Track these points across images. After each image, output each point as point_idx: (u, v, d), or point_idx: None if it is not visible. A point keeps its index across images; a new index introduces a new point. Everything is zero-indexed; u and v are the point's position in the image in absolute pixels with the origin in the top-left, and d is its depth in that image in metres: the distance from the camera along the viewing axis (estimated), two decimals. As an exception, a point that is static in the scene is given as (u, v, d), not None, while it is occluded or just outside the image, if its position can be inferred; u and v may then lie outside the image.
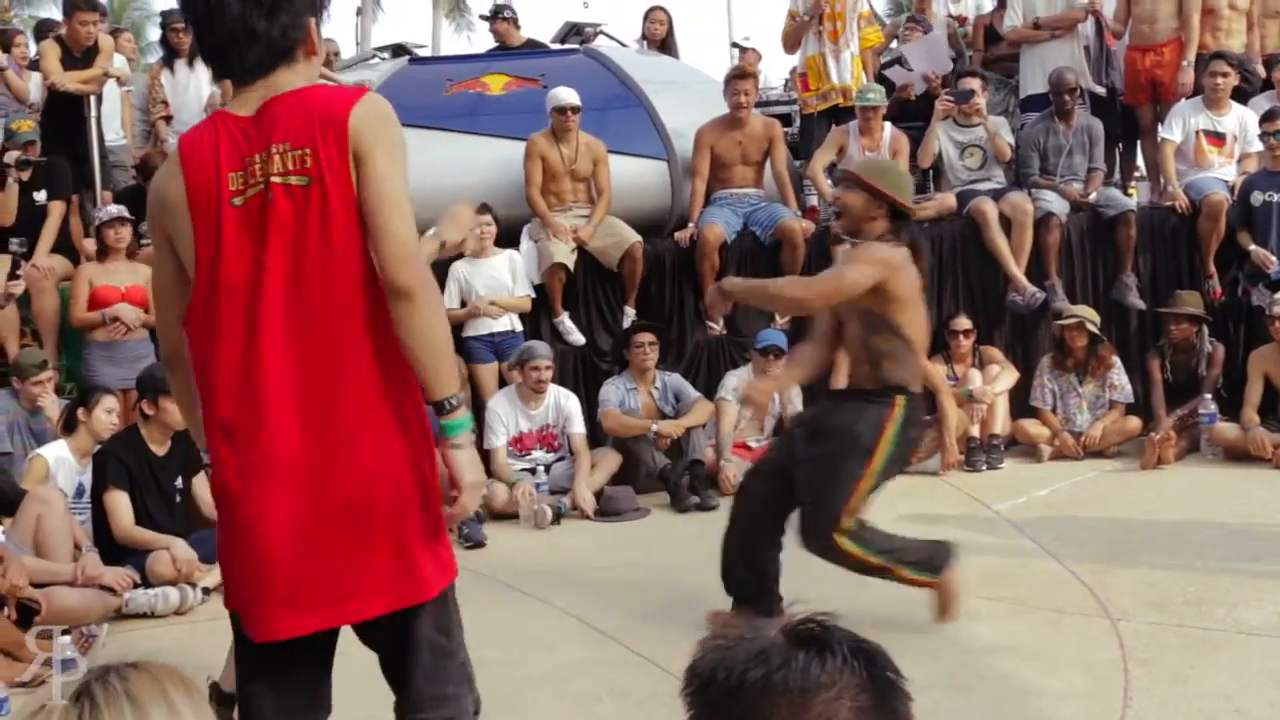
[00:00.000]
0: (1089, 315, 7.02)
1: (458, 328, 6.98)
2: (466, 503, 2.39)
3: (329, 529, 2.29)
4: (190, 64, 8.16)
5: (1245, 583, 4.58)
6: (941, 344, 7.25)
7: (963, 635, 4.25)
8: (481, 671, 4.13)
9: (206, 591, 5.00)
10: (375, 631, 2.43)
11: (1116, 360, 7.09)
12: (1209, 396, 6.88)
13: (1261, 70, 8.13)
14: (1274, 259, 7.08)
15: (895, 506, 6.08)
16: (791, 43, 8.32)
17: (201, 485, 5.16)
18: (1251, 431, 6.63)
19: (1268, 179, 7.26)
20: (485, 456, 6.58)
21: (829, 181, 7.56)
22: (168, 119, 8.33)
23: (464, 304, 6.95)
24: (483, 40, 10.37)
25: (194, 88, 8.27)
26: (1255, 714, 3.44)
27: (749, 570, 4.38)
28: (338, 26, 25.30)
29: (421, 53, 10.36)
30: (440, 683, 2.45)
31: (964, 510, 6.02)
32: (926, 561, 4.29)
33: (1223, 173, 7.68)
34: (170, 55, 8.62)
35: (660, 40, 9.54)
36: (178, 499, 5.36)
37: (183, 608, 4.97)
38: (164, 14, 9.92)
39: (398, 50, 9.84)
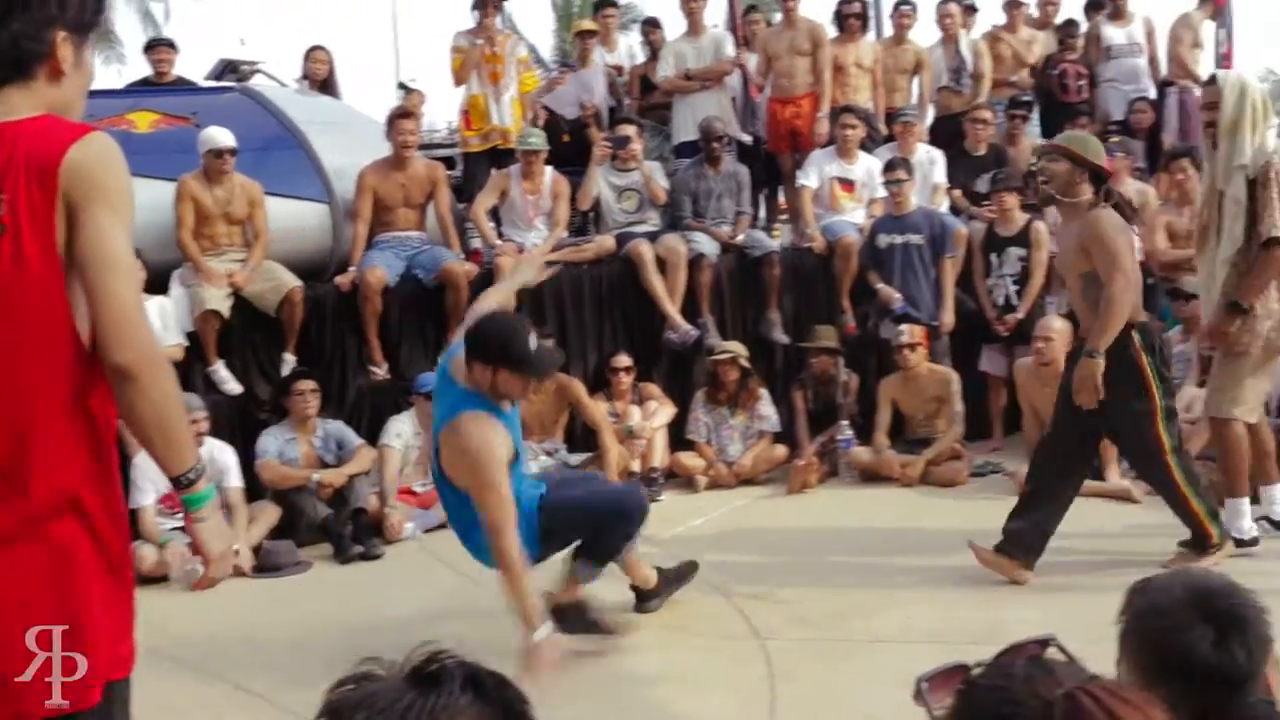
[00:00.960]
0: (739, 350, 7.40)
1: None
2: (214, 575, 2.28)
3: None
4: None
5: (879, 595, 4.96)
6: (602, 381, 7.48)
7: (625, 666, 4.39)
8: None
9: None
10: None
11: (764, 392, 7.50)
12: (845, 423, 7.40)
13: (883, 127, 8.90)
14: (898, 296, 7.72)
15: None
16: (463, 76, 8.33)
17: None
18: (883, 454, 7.20)
19: (891, 223, 7.91)
20: (132, 516, 6.22)
21: (492, 225, 7.69)
22: None
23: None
24: (134, 74, 9.81)
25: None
26: (884, 714, 3.71)
27: (1033, 525, 5.03)
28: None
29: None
30: None
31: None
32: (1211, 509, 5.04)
33: (854, 216, 8.32)
34: None
35: (322, 80, 9.38)
36: None
37: None
38: None
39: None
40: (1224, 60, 10.45)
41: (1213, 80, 5.19)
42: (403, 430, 6.83)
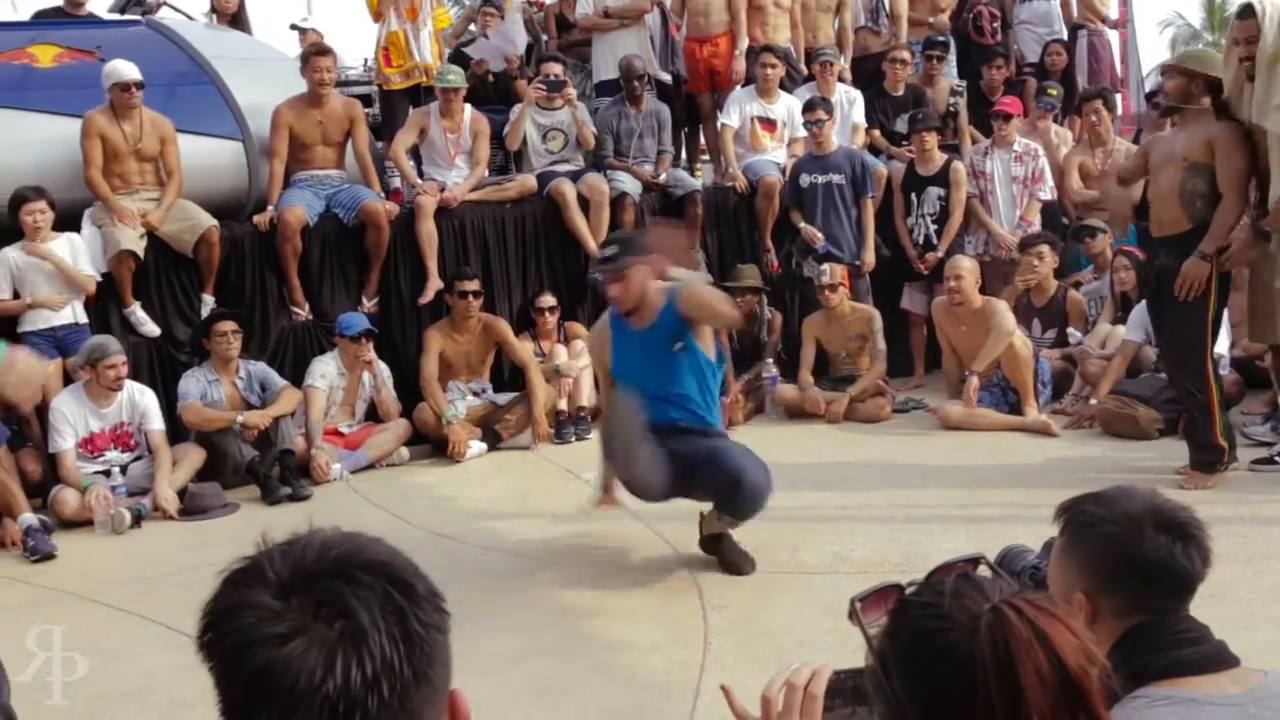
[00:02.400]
0: (662, 289, 7.43)
1: (11, 322, 6.39)
2: None
3: None
4: None
5: (804, 528, 5.06)
6: (527, 321, 7.46)
7: (560, 599, 4.44)
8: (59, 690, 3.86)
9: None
10: None
11: (689, 330, 7.55)
12: (770, 361, 7.51)
13: (804, 67, 8.92)
14: (820, 235, 7.81)
15: (490, 482, 6.25)
16: (380, 11, 8.16)
17: None
18: (807, 391, 7.31)
19: (813, 163, 7.96)
20: (52, 460, 6.09)
21: (412, 164, 7.60)
22: None
23: (16, 295, 6.36)
24: (29, 8, 9.44)
25: None
26: (815, 643, 3.83)
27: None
28: None
29: (-47, 19, 9.32)
30: None
31: (556, 481, 6.23)
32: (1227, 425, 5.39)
33: (775, 156, 8.37)
34: None
35: (231, 15, 9.13)
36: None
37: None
38: None
39: (-77, 15, 8.79)
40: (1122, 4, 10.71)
41: (1249, 11, 5.07)
42: (327, 371, 6.76)
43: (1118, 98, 9.18)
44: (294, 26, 10.09)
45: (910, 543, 4.78)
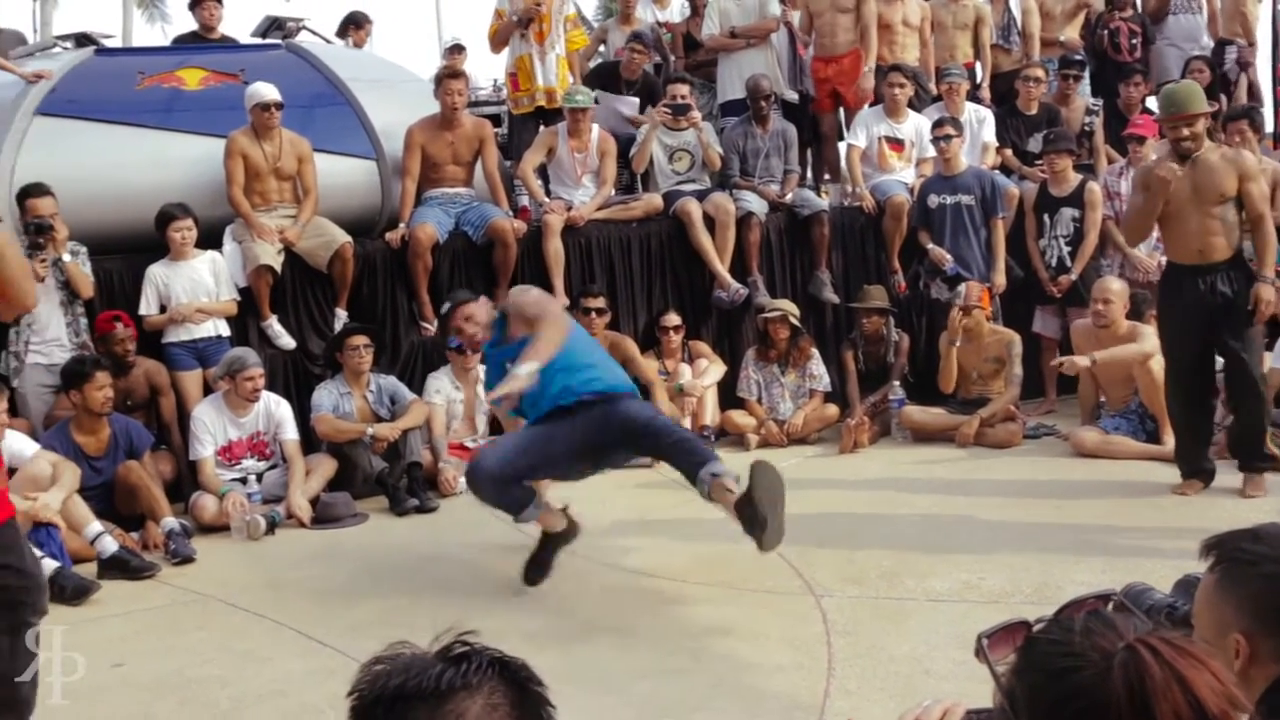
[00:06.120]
0: (790, 309, 7.40)
1: (158, 335, 6.66)
2: None
3: None
4: None
5: (933, 555, 4.95)
6: (652, 340, 7.48)
7: (679, 621, 4.42)
8: (195, 690, 3.99)
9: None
10: None
11: (815, 351, 7.50)
12: (897, 383, 7.40)
13: (933, 86, 8.79)
14: (949, 257, 7.67)
15: (612, 500, 6.26)
16: (498, 42, 8.37)
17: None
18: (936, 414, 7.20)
19: (941, 183, 7.84)
20: (192, 467, 6.31)
21: (539, 182, 7.71)
22: None
23: (163, 309, 6.63)
24: (178, 32, 9.81)
25: None
26: (942, 672, 3.73)
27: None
28: (13, 12, 23.44)
29: (110, 43, 9.74)
30: None
31: (677, 500, 6.18)
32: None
33: (903, 176, 8.26)
34: None
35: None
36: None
37: None
38: None
39: (82, 39, 9.22)
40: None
41: None
42: (441, 386, 6.88)
43: (1268, 114, 8.85)
44: (451, 49, 10.49)
45: (1043, 573, 4.64)
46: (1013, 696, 1.29)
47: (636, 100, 8.53)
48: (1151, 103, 8.88)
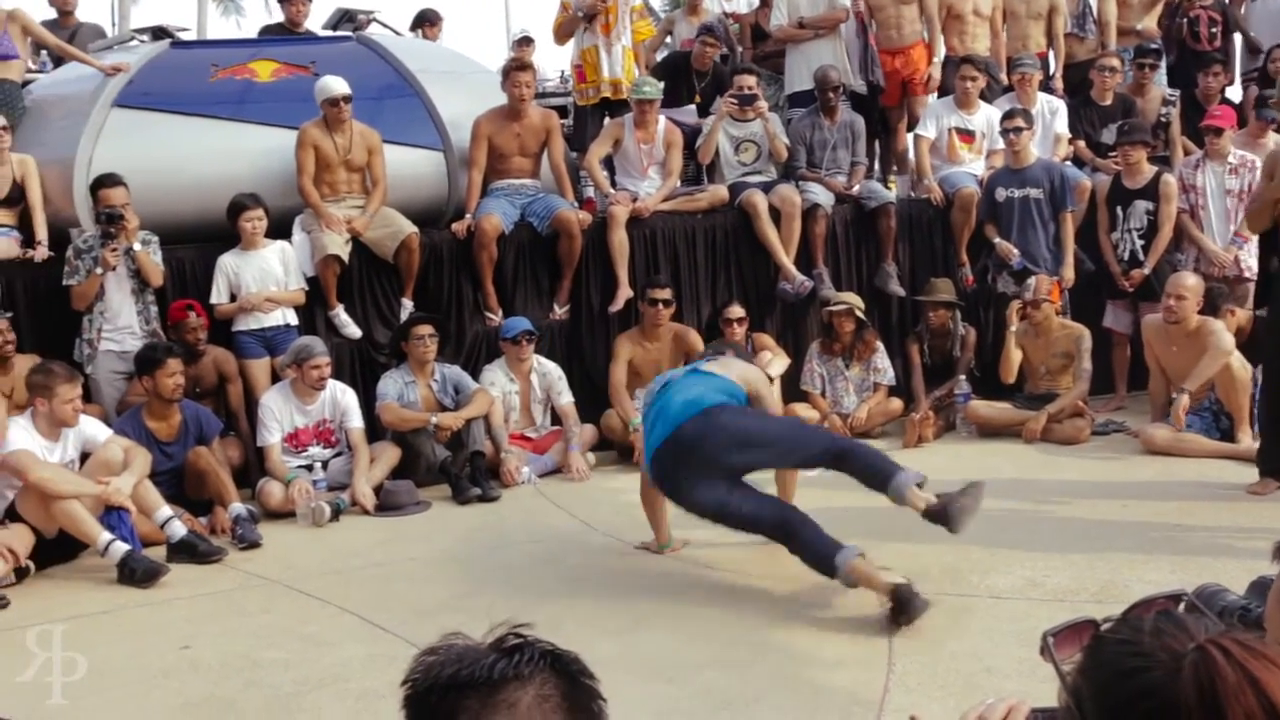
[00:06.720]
0: (855, 302, 7.33)
1: (227, 323, 6.77)
2: None
3: None
4: None
5: (996, 552, 4.88)
6: (716, 331, 7.45)
7: (739, 612, 4.40)
8: (261, 673, 4.06)
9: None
10: None
11: (880, 344, 7.43)
12: (963, 377, 7.31)
13: (1004, 76, 8.66)
14: (1016, 251, 7.56)
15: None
16: (563, 35, 8.38)
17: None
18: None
19: (1009, 176, 7.72)
20: (259, 454, 6.41)
21: (605, 173, 7.71)
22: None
23: (233, 298, 6.74)
24: (252, 26, 10.01)
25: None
26: (1004, 670, 3.69)
27: None
28: (93, 6, 23.98)
29: (185, 36, 9.93)
30: None
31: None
32: None
33: (973, 168, 8.15)
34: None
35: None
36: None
37: None
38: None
39: (158, 33, 9.40)
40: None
41: None
42: (496, 378, 6.92)
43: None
44: (519, 41, 10.62)
45: (1109, 572, 4.56)
46: (1078, 696, 1.27)
47: (694, 108, 8.50)
48: (1231, 93, 8.71)
